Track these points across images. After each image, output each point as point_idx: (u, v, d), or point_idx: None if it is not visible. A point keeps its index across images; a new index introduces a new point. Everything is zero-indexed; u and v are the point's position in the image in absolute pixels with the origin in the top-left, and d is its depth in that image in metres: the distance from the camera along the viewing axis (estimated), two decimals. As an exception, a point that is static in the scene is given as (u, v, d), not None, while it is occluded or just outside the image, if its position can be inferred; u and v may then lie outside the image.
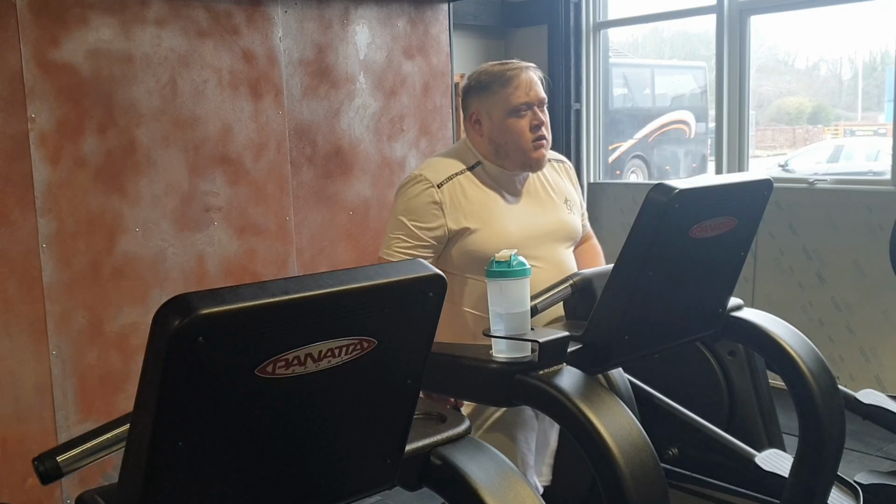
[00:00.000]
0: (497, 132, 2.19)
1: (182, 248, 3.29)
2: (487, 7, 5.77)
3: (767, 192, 2.02)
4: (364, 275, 1.19)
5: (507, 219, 2.18)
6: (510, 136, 2.18)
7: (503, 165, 2.21)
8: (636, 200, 4.78)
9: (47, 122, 2.97)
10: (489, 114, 2.20)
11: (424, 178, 2.17)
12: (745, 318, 2.17)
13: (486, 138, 2.21)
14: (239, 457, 1.17)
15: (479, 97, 2.21)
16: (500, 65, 2.22)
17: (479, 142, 2.23)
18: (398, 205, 2.19)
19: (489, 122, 2.20)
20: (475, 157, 2.23)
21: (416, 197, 2.15)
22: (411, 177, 2.20)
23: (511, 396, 1.79)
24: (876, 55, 11.09)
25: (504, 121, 2.18)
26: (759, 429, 2.73)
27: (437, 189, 2.15)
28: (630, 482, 1.62)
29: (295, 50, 3.58)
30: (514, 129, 2.17)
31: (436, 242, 2.15)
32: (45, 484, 1.26)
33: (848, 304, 4.54)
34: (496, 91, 2.18)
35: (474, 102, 2.23)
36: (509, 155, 2.20)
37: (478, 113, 2.22)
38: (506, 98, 2.17)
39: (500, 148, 2.20)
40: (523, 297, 1.79)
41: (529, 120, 2.18)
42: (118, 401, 3.14)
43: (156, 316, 1.03)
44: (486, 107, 2.20)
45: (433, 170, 2.20)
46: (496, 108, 2.18)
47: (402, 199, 2.18)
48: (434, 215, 2.14)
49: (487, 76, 2.20)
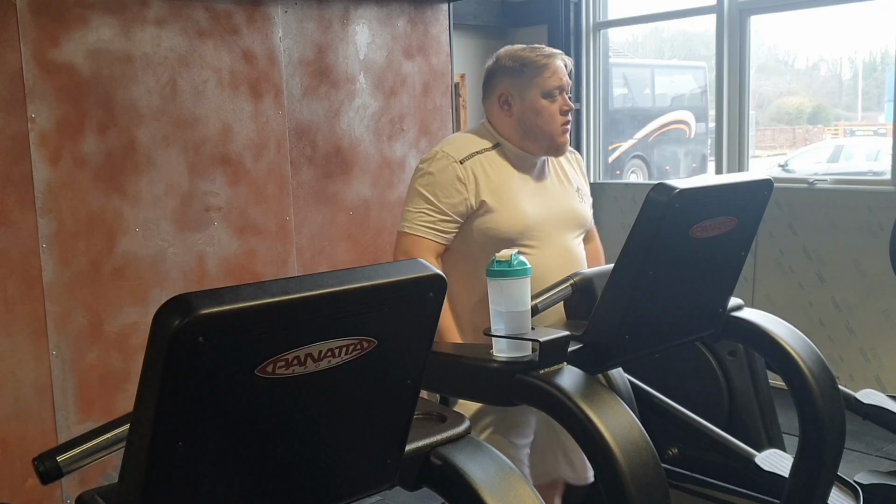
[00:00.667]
0: (530, 113, 2.21)
1: (182, 248, 3.29)
2: (487, 7, 5.77)
3: (768, 192, 2.02)
4: (364, 275, 1.19)
5: (524, 200, 2.21)
6: (542, 119, 2.21)
7: (526, 148, 2.24)
8: (636, 200, 4.78)
9: (47, 122, 2.97)
10: (521, 95, 2.21)
11: (447, 154, 2.18)
12: (746, 318, 2.17)
13: (516, 119, 2.23)
14: (239, 457, 1.17)
15: (512, 78, 2.22)
16: (531, 49, 2.24)
17: (505, 122, 2.25)
18: (419, 180, 2.19)
19: (521, 103, 2.22)
20: (495, 138, 2.25)
21: (439, 172, 2.16)
22: (433, 153, 2.21)
23: (511, 396, 1.79)
24: (876, 55, 11.09)
25: (538, 102, 2.20)
26: (759, 429, 2.73)
27: (459, 165, 2.16)
28: (630, 482, 1.62)
29: (295, 50, 3.58)
30: (547, 111, 2.21)
31: (458, 217, 2.16)
32: (45, 484, 1.25)
33: (848, 304, 4.54)
34: (531, 73, 2.20)
35: (504, 82, 2.24)
36: (537, 137, 2.23)
37: (508, 94, 2.23)
38: (541, 81, 2.20)
39: (529, 130, 2.22)
40: (524, 297, 1.79)
41: (560, 104, 2.22)
42: (118, 401, 3.14)
43: (156, 316, 1.03)
44: (518, 88, 2.22)
45: (455, 147, 2.22)
46: (530, 89, 2.21)
47: (425, 173, 2.19)
48: (458, 190, 2.15)
49: (520, 59, 2.22)
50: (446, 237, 2.16)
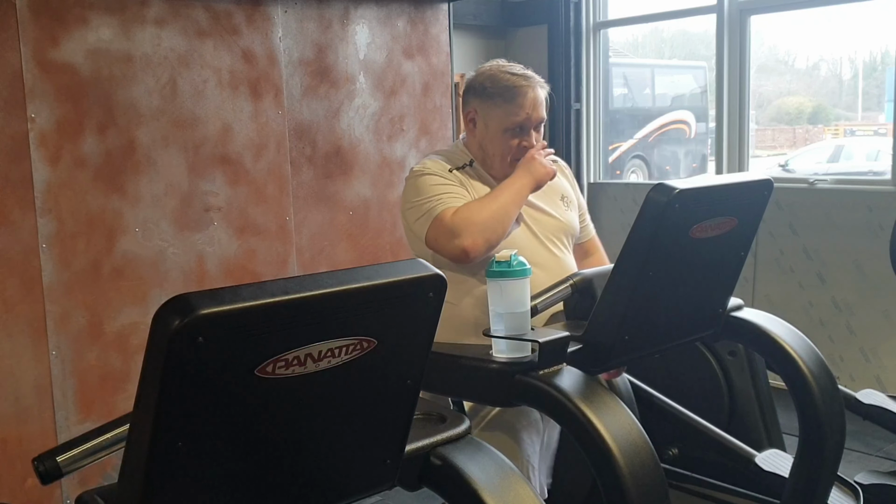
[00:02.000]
0: (488, 141, 2.22)
1: (182, 248, 3.29)
2: (487, 7, 5.77)
3: (768, 192, 2.02)
4: (364, 275, 1.19)
5: None
6: (497, 149, 2.21)
7: (488, 172, 2.24)
8: (636, 200, 4.78)
9: (47, 122, 2.96)
10: (486, 121, 2.21)
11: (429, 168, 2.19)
12: (746, 318, 2.17)
13: (478, 142, 2.24)
14: (239, 457, 1.17)
15: (481, 101, 2.21)
16: (510, 75, 2.19)
17: (471, 140, 2.27)
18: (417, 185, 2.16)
19: (484, 128, 2.21)
20: (467, 156, 2.26)
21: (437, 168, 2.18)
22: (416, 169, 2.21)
23: (511, 396, 1.79)
24: (876, 55, 11.09)
25: (498, 134, 2.19)
26: (759, 429, 2.73)
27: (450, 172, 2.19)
28: (630, 482, 1.62)
29: (295, 50, 3.58)
30: (504, 145, 2.19)
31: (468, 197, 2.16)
32: (45, 484, 1.25)
33: (848, 304, 4.54)
34: (499, 104, 2.18)
35: (474, 102, 2.23)
36: (493, 166, 2.23)
37: (475, 114, 2.23)
38: (506, 114, 2.17)
39: (488, 157, 2.23)
40: (523, 297, 1.79)
41: (521, 140, 2.19)
42: (118, 401, 3.14)
43: (156, 316, 1.03)
44: (484, 113, 2.21)
45: (434, 163, 2.22)
46: (494, 119, 2.19)
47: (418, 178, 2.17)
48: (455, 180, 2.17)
49: (494, 86, 2.18)
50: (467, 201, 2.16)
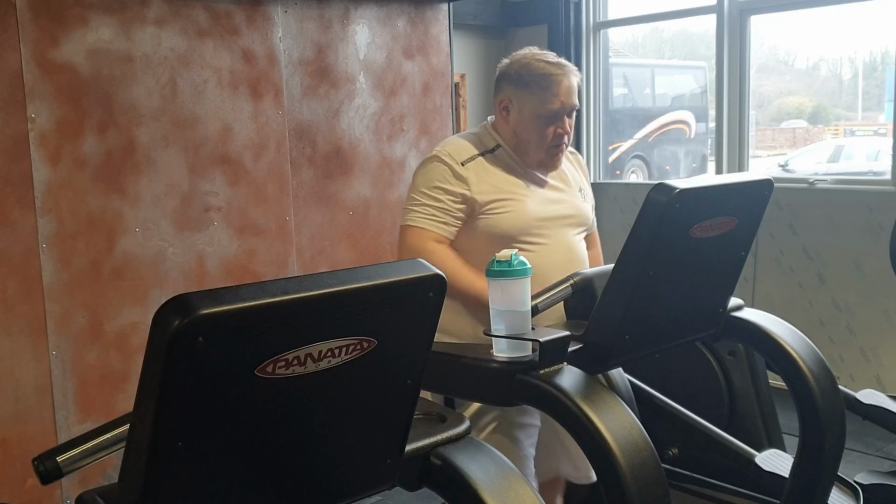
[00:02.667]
0: (522, 128, 2.22)
1: (182, 248, 3.29)
2: (487, 7, 5.77)
3: (768, 192, 2.02)
4: (364, 275, 1.19)
5: (526, 199, 2.22)
6: (532, 137, 2.22)
7: (521, 158, 2.25)
8: (636, 200, 4.78)
9: (47, 122, 2.96)
10: (520, 109, 2.22)
11: (448, 154, 2.20)
12: (746, 318, 2.17)
13: (511, 128, 2.24)
14: (239, 457, 1.17)
15: (515, 89, 2.22)
16: (545, 63, 2.21)
17: (503, 127, 2.27)
18: (421, 179, 2.20)
19: (518, 115, 2.22)
20: (495, 140, 2.26)
21: (441, 171, 2.18)
22: (433, 154, 2.22)
23: (512, 396, 1.78)
24: (876, 55, 11.09)
25: (532, 121, 2.21)
26: (759, 429, 2.73)
27: (460, 166, 2.18)
28: (631, 482, 1.62)
29: (295, 50, 3.58)
30: (539, 132, 2.21)
31: (461, 213, 2.17)
32: (45, 484, 1.25)
33: (848, 304, 4.54)
34: (534, 91, 2.19)
35: (508, 90, 2.24)
36: (528, 152, 2.24)
37: (508, 101, 2.24)
38: (541, 102, 2.19)
39: (521, 143, 2.24)
40: (524, 297, 1.79)
41: (556, 128, 2.21)
42: (118, 401, 3.14)
43: (156, 316, 1.03)
44: (518, 100, 2.22)
45: (454, 148, 2.23)
46: (528, 106, 2.21)
47: (425, 172, 2.20)
48: (459, 185, 2.17)
49: (529, 74, 2.20)
50: (449, 230, 2.17)
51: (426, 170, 2.20)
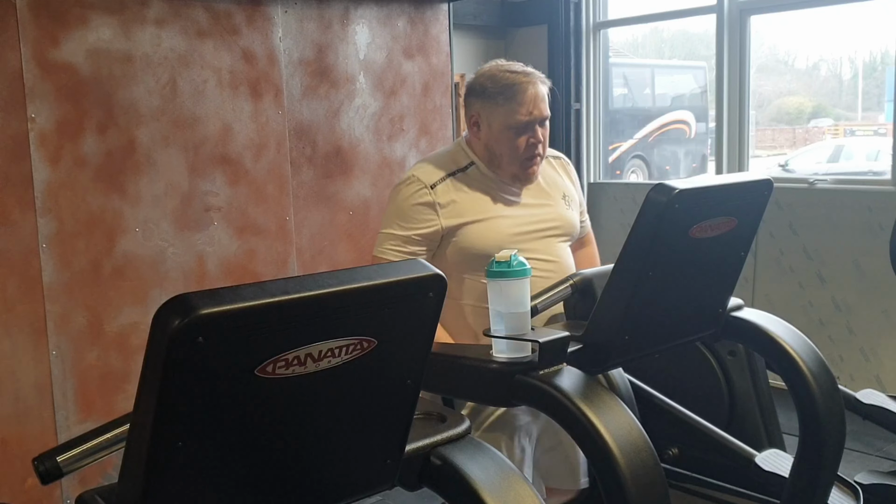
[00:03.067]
0: (493, 142, 2.20)
1: (182, 248, 3.29)
2: (487, 7, 5.77)
3: (767, 192, 2.02)
4: (364, 275, 1.19)
5: (501, 215, 2.20)
6: (504, 149, 2.19)
7: (496, 172, 2.23)
8: (636, 200, 4.78)
9: (47, 122, 2.97)
10: (489, 122, 2.19)
11: (417, 179, 2.19)
12: (746, 318, 2.17)
13: (483, 143, 2.23)
14: (239, 457, 1.17)
15: (483, 102, 2.20)
16: (510, 73, 2.18)
17: (476, 143, 2.25)
18: (391, 206, 2.22)
19: (488, 129, 2.20)
20: (468, 157, 2.24)
21: (408, 198, 2.17)
22: (404, 178, 2.22)
23: (511, 396, 1.78)
24: (876, 55, 11.10)
25: (502, 133, 2.18)
26: (759, 429, 2.73)
27: (429, 190, 2.17)
28: (630, 482, 1.62)
29: (295, 50, 3.58)
30: (510, 144, 2.18)
31: (428, 241, 2.17)
32: (45, 484, 1.25)
33: (848, 304, 4.54)
34: (501, 103, 2.16)
35: (476, 105, 2.22)
36: (501, 166, 2.22)
37: (478, 117, 2.22)
38: (509, 113, 2.16)
39: (494, 157, 2.21)
40: (523, 297, 1.79)
41: (528, 138, 2.18)
42: (118, 401, 3.14)
43: (156, 316, 1.03)
44: (486, 114, 2.20)
45: (425, 171, 2.21)
46: (497, 119, 2.18)
47: (395, 200, 2.21)
48: (426, 215, 2.16)
49: (494, 86, 2.17)
50: None
51: (396, 196, 2.21)
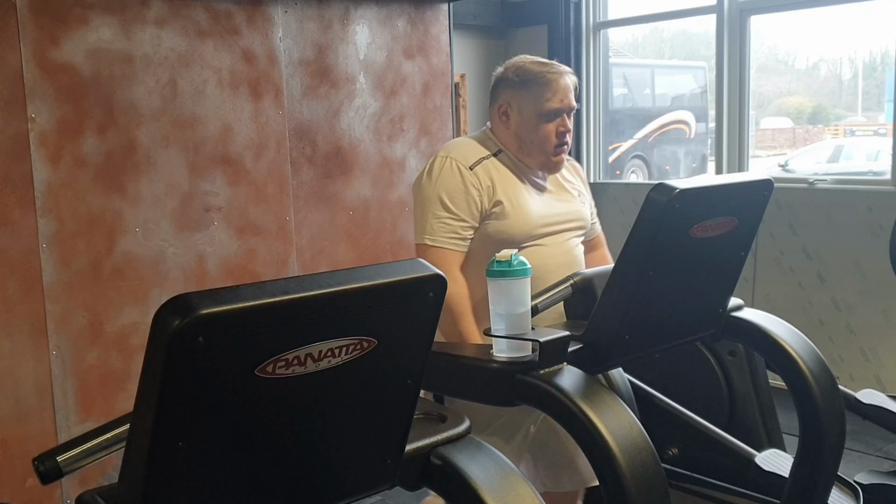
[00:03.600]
0: (524, 129, 2.22)
1: (182, 248, 3.29)
2: (487, 7, 5.77)
3: (768, 192, 2.02)
4: (364, 275, 1.19)
5: (530, 204, 2.23)
6: (535, 137, 2.22)
7: (523, 161, 2.25)
8: (636, 200, 4.78)
9: (47, 122, 2.96)
10: (520, 110, 2.22)
11: (455, 160, 2.19)
12: (746, 318, 2.17)
13: (513, 132, 2.25)
14: (239, 457, 1.17)
15: (514, 91, 2.23)
16: (540, 64, 2.23)
17: (503, 133, 2.26)
18: (433, 187, 2.17)
19: (518, 117, 2.23)
20: (497, 145, 2.26)
21: (452, 177, 2.17)
22: (441, 160, 2.20)
23: (512, 396, 1.78)
24: (876, 55, 11.10)
25: (534, 121, 2.21)
26: (759, 429, 2.73)
27: (469, 171, 2.18)
28: (630, 482, 1.62)
29: (295, 50, 3.58)
30: (542, 131, 2.21)
31: (476, 223, 2.17)
32: (45, 484, 1.25)
33: (848, 304, 4.54)
34: (533, 90, 2.20)
35: (506, 94, 2.25)
36: (531, 154, 2.24)
37: (507, 106, 2.24)
38: (541, 101, 2.20)
39: (524, 145, 2.24)
40: (524, 297, 1.79)
41: (557, 126, 2.22)
42: (118, 401, 3.14)
43: (156, 316, 1.03)
44: (518, 102, 2.22)
45: (461, 153, 2.22)
46: (529, 106, 2.21)
47: (437, 180, 2.18)
48: (472, 195, 2.16)
49: (526, 74, 2.21)
50: (466, 244, 2.18)
51: (438, 177, 2.17)
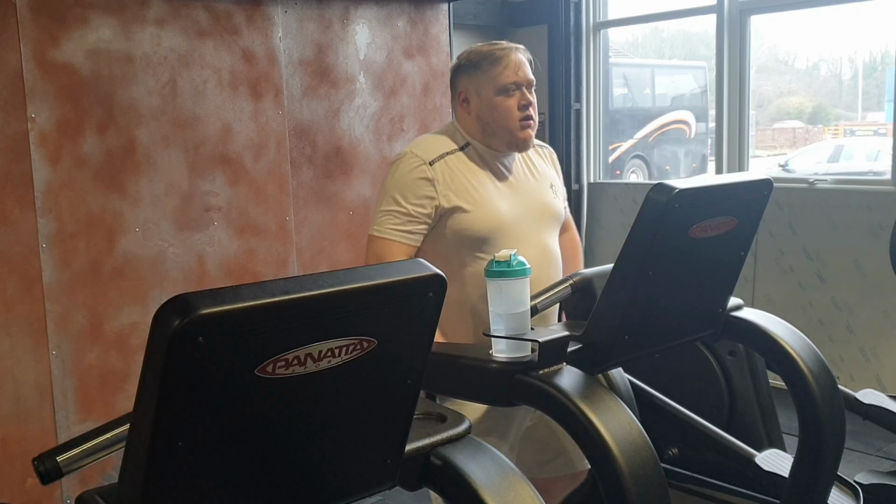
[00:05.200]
0: (485, 110, 2.21)
1: (182, 248, 3.29)
2: (487, 7, 5.78)
3: (767, 191, 2.02)
4: (364, 275, 1.19)
5: (497, 199, 2.20)
6: (497, 115, 2.20)
7: (490, 145, 2.23)
8: (636, 200, 4.79)
9: (47, 122, 2.97)
10: (478, 92, 2.21)
11: (416, 156, 2.18)
12: (745, 318, 2.17)
13: (474, 116, 2.23)
14: (239, 457, 1.17)
15: (469, 75, 2.23)
16: (488, 45, 2.24)
17: (467, 120, 2.25)
18: (389, 182, 2.19)
19: (478, 99, 2.22)
20: (464, 138, 2.25)
21: (407, 173, 2.16)
22: (402, 154, 2.21)
23: (511, 396, 1.78)
24: (876, 55, 11.11)
25: (492, 99, 2.20)
26: (759, 429, 2.73)
27: (428, 166, 2.16)
28: (630, 482, 1.62)
29: (295, 50, 3.58)
30: (502, 107, 2.19)
31: (427, 219, 2.16)
32: (45, 484, 1.25)
33: (848, 304, 4.54)
34: (486, 69, 2.20)
35: (463, 80, 2.25)
36: (496, 134, 2.22)
37: (466, 91, 2.24)
38: (495, 77, 2.19)
39: (488, 126, 2.22)
40: (523, 297, 1.79)
41: (517, 100, 2.20)
42: (118, 401, 3.14)
43: (156, 316, 1.03)
44: (475, 85, 2.22)
45: (423, 148, 2.21)
46: (485, 86, 2.20)
47: (394, 175, 2.19)
48: (426, 191, 2.15)
49: (477, 55, 2.22)
50: (415, 238, 2.16)
51: (395, 172, 2.19)
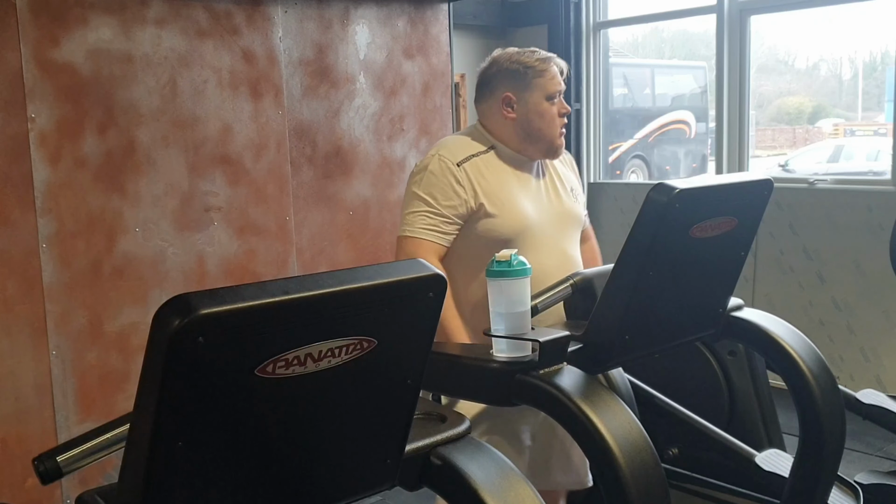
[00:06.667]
0: (533, 116, 2.24)
1: (182, 248, 3.29)
2: (487, 7, 5.78)
3: (768, 192, 2.02)
4: (364, 275, 1.19)
5: (523, 202, 2.22)
6: (544, 122, 2.24)
7: (524, 151, 2.26)
8: (636, 200, 4.78)
9: (47, 122, 2.96)
10: (526, 98, 2.24)
11: (444, 158, 2.20)
12: (746, 318, 2.17)
13: (518, 122, 2.25)
14: (239, 457, 1.17)
15: (514, 80, 2.25)
16: (529, 53, 2.27)
17: (503, 124, 2.26)
18: (418, 183, 2.20)
19: (525, 105, 2.24)
20: (489, 140, 2.27)
21: (438, 175, 2.18)
22: (429, 156, 2.22)
23: (511, 396, 1.78)
24: (876, 55, 11.11)
25: (541, 105, 2.24)
26: (759, 429, 2.73)
27: (457, 167, 2.18)
28: (630, 482, 1.62)
29: (295, 50, 3.58)
30: (549, 114, 2.24)
31: (459, 220, 2.18)
32: (45, 484, 1.25)
33: (848, 304, 4.54)
34: (534, 77, 2.24)
35: (506, 85, 2.26)
36: (538, 140, 2.26)
37: (510, 96, 2.25)
38: (545, 84, 2.24)
39: (531, 133, 2.25)
40: (524, 297, 1.79)
41: (559, 107, 2.26)
42: (118, 401, 3.14)
43: (156, 316, 1.02)
44: (521, 90, 2.24)
45: (450, 150, 2.23)
46: (533, 91, 2.24)
47: (422, 176, 2.20)
48: (456, 192, 2.17)
49: (521, 63, 2.25)
50: (447, 238, 2.17)
51: (424, 173, 2.20)
